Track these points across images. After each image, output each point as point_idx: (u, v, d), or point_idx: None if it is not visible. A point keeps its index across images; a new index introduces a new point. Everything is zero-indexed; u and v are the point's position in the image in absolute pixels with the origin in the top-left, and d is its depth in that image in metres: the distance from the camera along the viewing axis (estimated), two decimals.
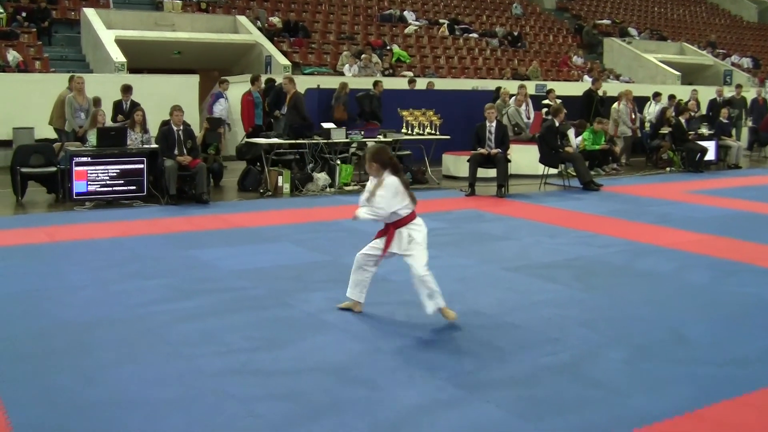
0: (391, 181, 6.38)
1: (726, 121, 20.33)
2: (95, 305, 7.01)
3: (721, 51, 35.69)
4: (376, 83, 18.86)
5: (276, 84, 18.50)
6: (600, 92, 21.19)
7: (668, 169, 18.92)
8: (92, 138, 13.21)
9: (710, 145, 19.21)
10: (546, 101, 19.93)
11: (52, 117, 15.93)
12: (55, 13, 23.58)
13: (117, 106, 15.96)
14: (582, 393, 5.09)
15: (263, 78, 18.78)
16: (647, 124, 21.09)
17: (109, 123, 14.73)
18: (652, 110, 21.64)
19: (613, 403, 4.93)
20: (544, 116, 18.52)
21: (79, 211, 12.13)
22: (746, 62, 35.33)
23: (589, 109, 19.53)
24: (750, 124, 24.46)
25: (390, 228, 6.51)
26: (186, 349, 5.82)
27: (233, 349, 5.81)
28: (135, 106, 15.12)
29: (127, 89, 16.05)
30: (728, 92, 24.31)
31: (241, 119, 18.58)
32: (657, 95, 22.19)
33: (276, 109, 17.91)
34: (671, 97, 22.48)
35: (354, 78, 22.01)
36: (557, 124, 15.47)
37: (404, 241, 6.45)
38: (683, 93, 24.77)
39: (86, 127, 14.48)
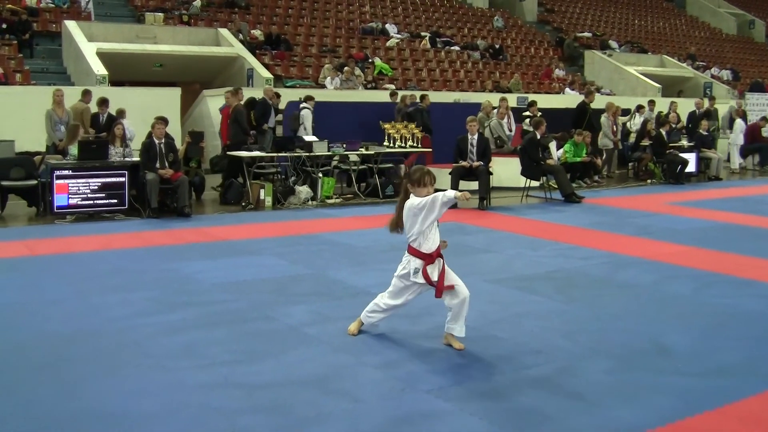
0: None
1: (706, 133, 20.44)
2: (76, 318, 6.98)
3: (701, 63, 35.92)
4: (423, 97, 19.16)
5: (260, 98, 18.51)
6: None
7: (649, 181, 19.00)
8: (73, 151, 13.15)
9: (691, 157, 19.31)
10: (527, 113, 20.01)
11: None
12: (36, 26, 23.48)
13: (93, 120, 15.93)
14: (564, 405, 5.10)
15: (244, 91, 18.72)
16: (632, 135, 21.19)
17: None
18: (636, 122, 21.80)
19: (595, 415, 4.94)
20: (524, 128, 18.63)
21: (60, 225, 12.08)
22: (726, 74, 35.57)
23: (582, 121, 19.59)
24: (729, 134, 24.57)
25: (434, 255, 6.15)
26: (168, 362, 5.80)
27: (215, 362, 5.80)
28: (113, 119, 15.09)
29: (103, 102, 16.03)
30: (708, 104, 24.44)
31: (219, 132, 18.57)
32: (640, 108, 22.35)
33: (264, 122, 17.92)
34: (651, 102, 22.72)
35: (336, 91, 22.04)
36: (539, 136, 15.52)
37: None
38: (664, 105, 24.92)
39: (65, 142, 14.39)
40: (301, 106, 17.49)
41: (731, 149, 23.64)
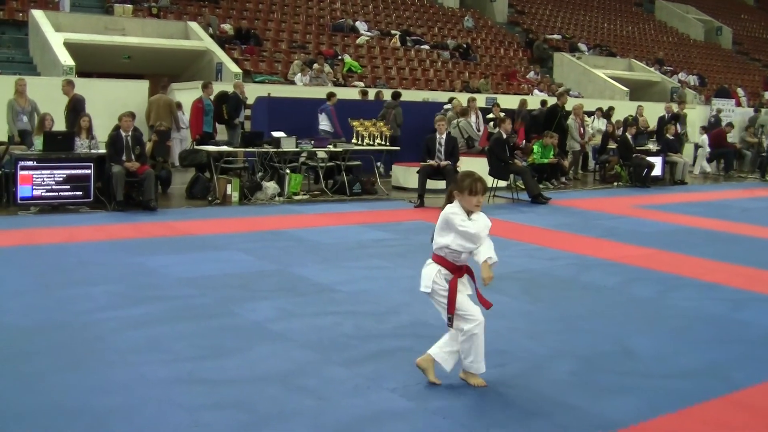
0: None
1: (672, 138, 20.62)
2: (37, 311, 6.91)
3: (668, 68, 36.20)
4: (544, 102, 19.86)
5: (231, 92, 18.47)
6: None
7: (616, 183, 19.13)
8: (38, 142, 13.00)
9: (657, 161, 19.46)
10: (491, 115, 20.09)
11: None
12: (2, 14, 23.27)
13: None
14: (529, 405, 5.11)
15: (213, 85, 18.66)
16: (598, 137, 21.37)
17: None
18: (595, 125, 22.06)
19: (560, 415, 4.95)
20: (490, 129, 18.73)
21: (23, 216, 11.95)
22: (693, 79, 35.89)
23: (552, 123, 19.75)
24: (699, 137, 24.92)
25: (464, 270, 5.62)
26: (131, 357, 5.75)
27: (179, 358, 5.76)
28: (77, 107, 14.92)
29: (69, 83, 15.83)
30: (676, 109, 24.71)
31: (188, 126, 18.52)
32: (599, 110, 22.79)
33: (236, 116, 17.89)
34: (599, 109, 23.03)
35: (305, 87, 21.98)
36: (504, 135, 15.57)
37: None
38: (631, 109, 25.11)
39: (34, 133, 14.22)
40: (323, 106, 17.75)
41: (700, 154, 23.95)
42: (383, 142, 16.04)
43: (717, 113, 27.54)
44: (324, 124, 17.69)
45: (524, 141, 19.32)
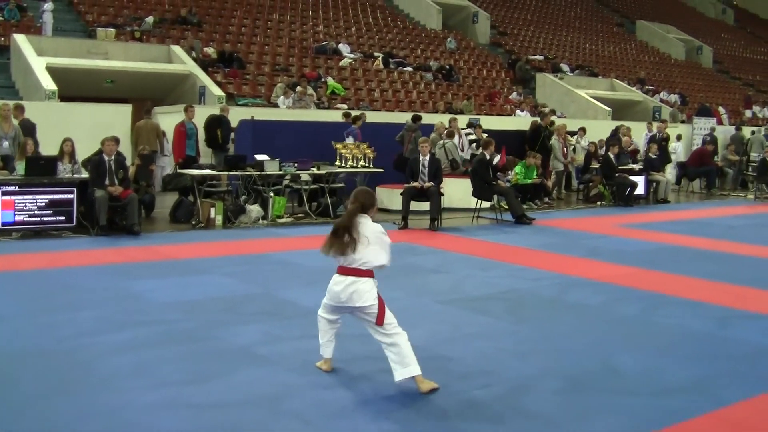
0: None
1: (654, 156, 20.73)
2: (22, 336, 6.87)
3: (650, 87, 36.42)
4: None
5: (221, 115, 18.52)
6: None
7: (599, 203, 19.20)
8: (20, 167, 12.94)
9: (640, 180, 19.55)
10: (473, 136, 20.16)
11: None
12: None
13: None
14: (515, 425, 5.11)
15: (196, 109, 18.65)
16: (581, 155, 21.50)
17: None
18: (583, 143, 22.21)
19: None
20: (473, 151, 18.81)
21: (5, 242, 11.89)
22: (674, 98, 36.10)
23: (536, 142, 19.87)
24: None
25: None
26: (116, 382, 5.72)
27: (165, 382, 5.73)
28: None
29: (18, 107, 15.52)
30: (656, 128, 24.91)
31: (172, 149, 18.49)
32: (582, 130, 23.01)
33: (229, 140, 17.95)
34: (582, 128, 23.26)
35: (288, 110, 21.98)
36: (488, 157, 15.61)
37: None
38: (612, 127, 25.27)
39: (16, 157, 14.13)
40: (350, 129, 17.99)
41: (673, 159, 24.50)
42: (366, 164, 16.04)
43: (711, 131, 27.77)
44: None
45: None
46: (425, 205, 14.49)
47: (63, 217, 12.61)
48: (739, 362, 6.59)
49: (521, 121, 24.02)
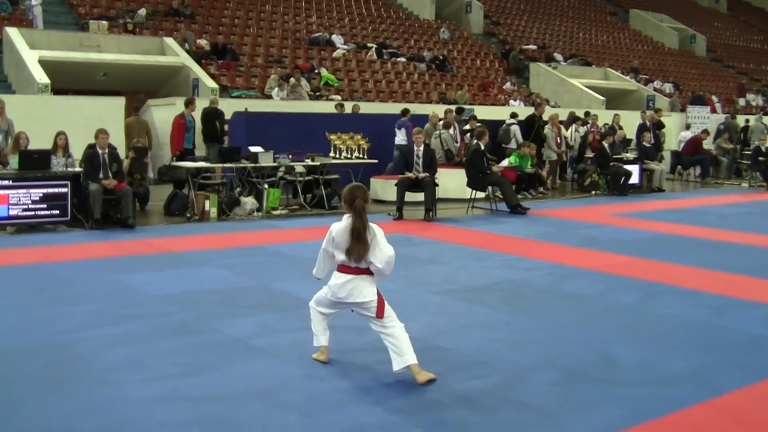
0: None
1: (649, 145, 20.73)
2: (17, 332, 6.85)
3: (643, 76, 36.42)
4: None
5: (215, 108, 18.52)
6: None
7: (594, 192, 19.21)
8: (14, 161, 12.90)
9: (634, 169, 19.56)
10: (467, 126, 20.14)
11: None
12: None
13: None
14: (512, 416, 5.11)
15: (198, 102, 18.67)
16: (575, 145, 21.52)
17: None
18: (569, 133, 22.21)
19: (543, 426, 4.95)
20: (467, 141, 18.79)
21: None
22: (668, 87, 36.10)
23: (530, 133, 19.89)
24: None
25: None
26: (113, 376, 5.71)
27: (161, 375, 5.73)
28: None
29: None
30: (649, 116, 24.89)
31: (170, 141, 18.45)
32: (576, 119, 22.98)
33: (226, 133, 17.96)
34: (587, 113, 23.19)
35: (282, 102, 21.94)
36: (482, 147, 15.60)
37: None
38: (608, 117, 25.23)
39: (8, 151, 14.09)
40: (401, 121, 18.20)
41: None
42: (361, 155, 16.02)
43: (726, 120, 27.45)
44: (401, 138, 18.18)
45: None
46: (420, 196, 14.48)
47: (57, 211, 12.57)
48: (736, 351, 6.59)
49: (515, 111, 23.94)
